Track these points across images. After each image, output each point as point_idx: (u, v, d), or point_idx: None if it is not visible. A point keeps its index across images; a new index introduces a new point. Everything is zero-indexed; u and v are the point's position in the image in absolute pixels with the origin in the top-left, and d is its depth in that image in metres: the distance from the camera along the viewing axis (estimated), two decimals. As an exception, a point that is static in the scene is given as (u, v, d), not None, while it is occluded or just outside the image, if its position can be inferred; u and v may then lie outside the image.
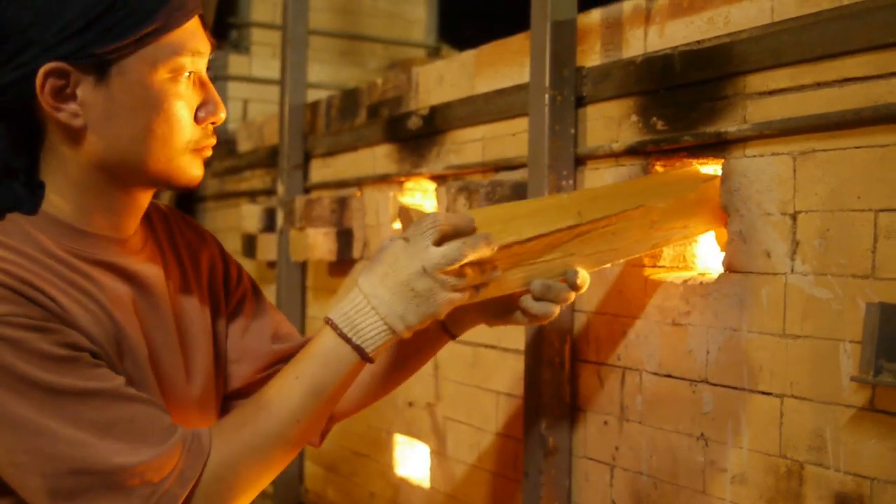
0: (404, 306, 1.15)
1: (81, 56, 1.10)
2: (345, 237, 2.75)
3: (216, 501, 1.13)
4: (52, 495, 1.05)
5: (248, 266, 3.57)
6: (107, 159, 1.15)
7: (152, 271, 1.25)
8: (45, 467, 1.05)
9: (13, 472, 1.06)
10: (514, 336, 2.06)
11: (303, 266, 3.08)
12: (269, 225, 3.25)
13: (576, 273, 1.32)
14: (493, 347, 2.16)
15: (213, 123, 1.19)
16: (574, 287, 1.33)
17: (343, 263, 2.83)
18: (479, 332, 2.20)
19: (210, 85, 1.20)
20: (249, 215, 3.35)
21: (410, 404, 2.49)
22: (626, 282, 1.78)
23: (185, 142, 1.16)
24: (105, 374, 1.10)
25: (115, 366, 1.14)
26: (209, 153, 1.20)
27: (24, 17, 1.09)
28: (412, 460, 2.57)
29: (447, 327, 1.40)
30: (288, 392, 1.17)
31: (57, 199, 1.17)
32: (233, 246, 3.66)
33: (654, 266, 1.75)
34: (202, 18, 1.18)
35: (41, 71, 1.09)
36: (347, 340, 1.16)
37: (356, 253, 2.74)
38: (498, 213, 1.27)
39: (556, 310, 1.32)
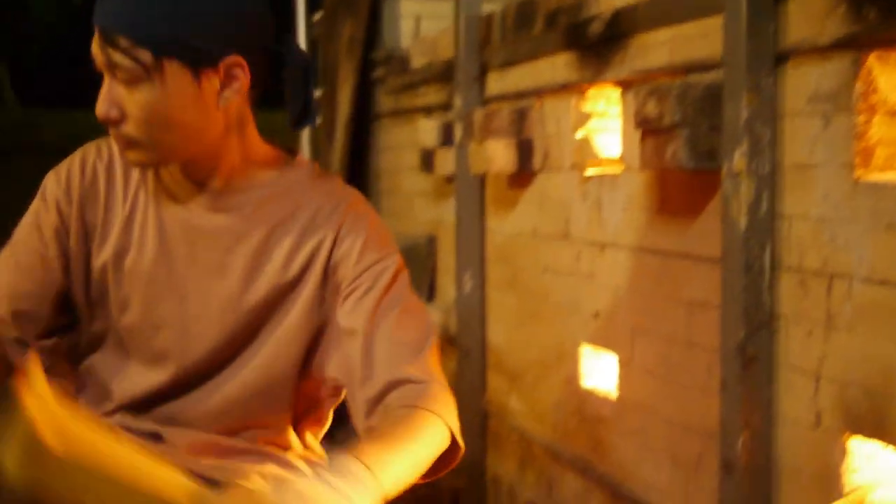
0: None
1: None
2: (525, 148, 2.72)
3: None
4: None
5: (425, 182, 3.61)
6: None
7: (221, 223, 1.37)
8: None
9: None
10: (709, 244, 2.00)
11: (481, 179, 3.08)
12: (446, 139, 3.26)
13: None
14: (684, 256, 2.11)
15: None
16: None
17: (522, 175, 2.81)
18: (669, 240, 2.15)
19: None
20: (426, 130, 3.37)
21: (596, 315, 2.48)
22: (832, 184, 1.69)
23: None
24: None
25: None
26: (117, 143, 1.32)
27: None
28: (598, 371, 2.56)
29: None
30: None
31: None
32: (410, 161, 3.70)
33: (865, 166, 1.65)
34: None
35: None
36: None
37: (536, 164, 2.72)
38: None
39: None
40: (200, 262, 1.39)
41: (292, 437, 1.47)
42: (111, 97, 1.27)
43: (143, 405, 1.44)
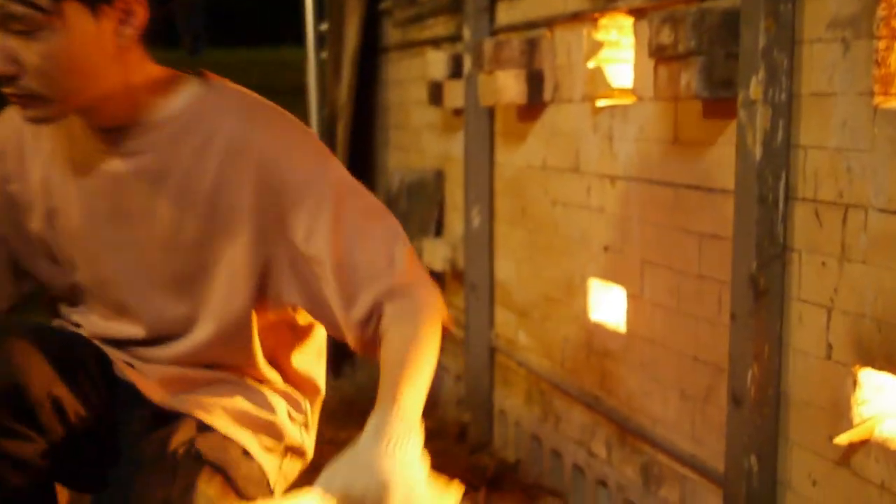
0: None
1: None
2: (535, 79, 2.67)
3: None
4: None
5: (433, 115, 3.57)
6: None
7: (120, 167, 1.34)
8: None
9: None
10: (722, 175, 1.97)
11: (490, 112, 3.03)
12: (455, 71, 3.21)
13: None
14: (696, 188, 2.08)
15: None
16: None
17: (533, 107, 2.77)
18: (681, 171, 2.12)
19: None
20: (435, 62, 3.32)
21: (606, 248, 2.45)
22: (851, 112, 1.65)
23: None
24: None
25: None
26: (13, 100, 1.27)
27: None
28: (607, 305, 2.55)
29: None
30: None
31: None
32: (418, 95, 3.65)
33: (885, 94, 1.61)
34: None
35: None
36: None
37: (546, 95, 2.67)
38: None
39: None
40: (126, 211, 1.36)
41: (266, 369, 1.46)
42: (5, 52, 1.21)
43: (114, 345, 1.44)
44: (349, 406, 3.56)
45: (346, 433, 3.10)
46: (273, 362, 1.48)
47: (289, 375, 1.51)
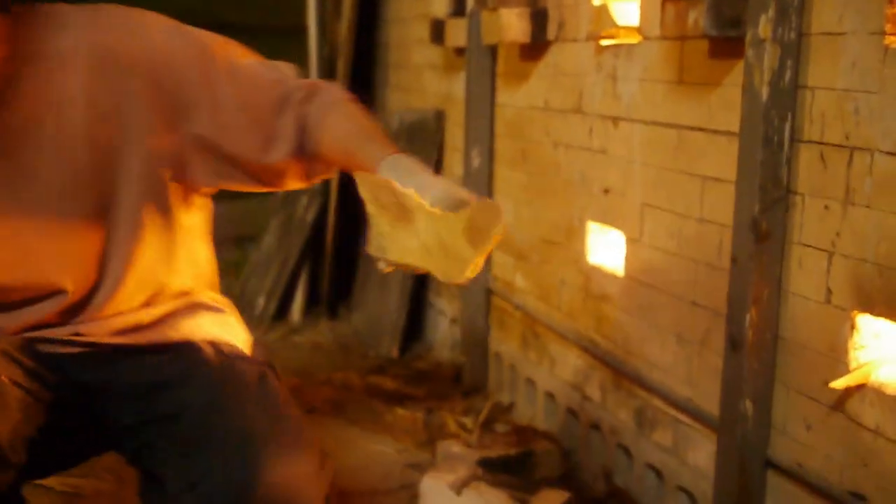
0: None
1: None
2: (539, 17, 2.62)
3: None
4: None
5: (435, 54, 3.51)
6: None
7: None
8: None
9: None
10: (727, 117, 1.93)
11: (493, 51, 2.98)
12: (458, 9, 3.16)
13: None
14: (701, 129, 2.04)
15: None
16: None
17: (536, 47, 2.72)
18: (686, 113, 2.09)
19: None
20: (437, -1, 3.27)
21: (606, 191, 2.43)
22: (861, 52, 1.62)
23: None
24: None
25: None
26: None
27: None
28: (606, 248, 2.53)
29: None
30: None
31: None
32: (419, 33, 3.60)
33: (897, 34, 1.57)
34: None
35: None
36: None
37: (551, 34, 2.62)
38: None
39: None
40: (6, 179, 1.26)
41: (193, 269, 1.43)
42: None
43: (46, 327, 1.36)
44: (345, 348, 3.57)
45: (342, 374, 3.11)
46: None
47: (203, 273, 1.47)
